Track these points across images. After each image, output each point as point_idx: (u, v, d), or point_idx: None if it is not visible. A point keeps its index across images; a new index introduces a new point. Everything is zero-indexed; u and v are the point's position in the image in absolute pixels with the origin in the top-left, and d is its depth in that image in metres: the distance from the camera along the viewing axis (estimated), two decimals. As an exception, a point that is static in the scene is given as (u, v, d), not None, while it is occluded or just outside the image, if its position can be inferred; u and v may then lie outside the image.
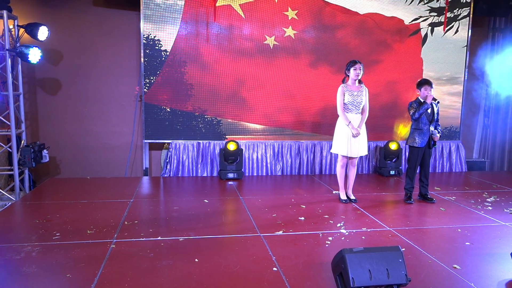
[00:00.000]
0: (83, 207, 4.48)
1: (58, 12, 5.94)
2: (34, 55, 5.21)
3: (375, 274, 2.48)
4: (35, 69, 5.94)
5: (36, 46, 5.25)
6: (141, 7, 5.83)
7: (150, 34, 5.91)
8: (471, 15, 7.02)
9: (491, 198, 5.21)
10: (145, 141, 6.17)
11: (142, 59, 5.93)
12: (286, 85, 6.44)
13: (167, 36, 5.97)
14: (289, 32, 6.35)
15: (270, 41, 6.31)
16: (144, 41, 5.90)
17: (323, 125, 6.61)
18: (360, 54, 6.48)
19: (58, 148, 6.12)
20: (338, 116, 4.76)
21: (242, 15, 6.16)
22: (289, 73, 6.44)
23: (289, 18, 6.32)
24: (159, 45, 5.96)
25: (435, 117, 4.84)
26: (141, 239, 3.55)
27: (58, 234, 3.61)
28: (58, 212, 4.26)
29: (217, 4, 6.03)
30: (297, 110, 6.55)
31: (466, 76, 7.17)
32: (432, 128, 4.80)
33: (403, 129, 6.95)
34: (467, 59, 7.13)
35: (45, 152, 5.66)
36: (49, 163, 6.04)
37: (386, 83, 6.80)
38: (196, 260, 3.12)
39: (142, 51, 5.92)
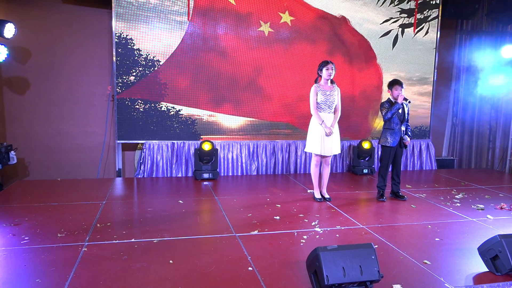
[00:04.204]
0: (53, 210, 4.35)
1: (26, 9, 5.75)
2: (0, 53, 5.05)
3: (348, 271, 2.52)
4: (1, 67, 5.73)
5: (2, 44, 5.08)
6: (113, 5, 5.72)
7: (123, 32, 5.81)
8: (439, 17, 7.22)
9: (459, 195, 5.38)
10: (118, 141, 6.06)
11: (114, 58, 5.82)
12: (273, 82, 6.48)
13: (140, 34, 5.88)
14: (285, 18, 6.40)
15: (265, 27, 6.34)
16: (116, 39, 5.80)
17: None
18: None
19: (26, 150, 5.93)
20: (311, 115, 4.81)
21: (233, 1, 6.17)
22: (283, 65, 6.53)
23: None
24: (132, 44, 5.86)
25: (406, 117, 4.96)
26: (114, 241, 3.48)
27: (27, 238, 3.50)
28: (27, 215, 4.12)
29: None
30: (286, 105, 6.64)
31: (435, 77, 7.38)
32: (403, 128, 4.91)
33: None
34: (436, 60, 7.33)
35: (12, 153, 5.47)
36: (17, 165, 5.85)
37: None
38: (171, 261, 3.09)
39: (114, 50, 5.81)
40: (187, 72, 6.11)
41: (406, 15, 7.04)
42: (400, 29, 7.06)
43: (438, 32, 7.25)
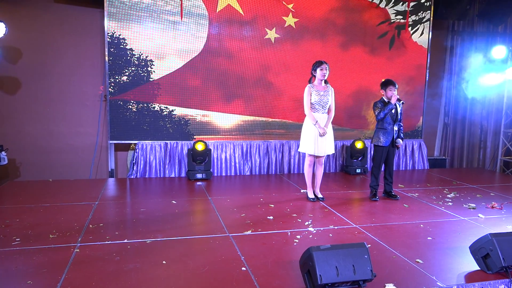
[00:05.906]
0: (45, 210, 4.32)
1: (17, 8, 5.70)
2: (-9, 52, 5.01)
3: (341, 270, 2.53)
4: (-9, 67, 5.68)
5: (-8, 44, 5.03)
6: (105, 5, 5.68)
7: (115, 32, 5.78)
8: (431, 18, 7.27)
9: (451, 194, 5.42)
10: (111, 141, 6.02)
11: (106, 58, 5.79)
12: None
13: (132, 34, 5.85)
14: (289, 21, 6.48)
15: (271, 34, 6.43)
16: (108, 39, 5.76)
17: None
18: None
19: (17, 150, 5.87)
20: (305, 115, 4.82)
21: (241, 11, 6.22)
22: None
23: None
24: (124, 44, 5.83)
25: (399, 117, 4.99)
26: (106, 242, 3.46)
27: (18, 239, 3.47)
28: (18, 216, 4.08)
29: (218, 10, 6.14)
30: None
31: (427, 77, 7.43)
32: (396, 128, 4.94)
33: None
34: (428, 60, 7.38)
35: (3, 154, 5.42)
36: (8, 166, 5.78)
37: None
38: (164, 262, 3.08)
39: (106, 49, 5.77)
40: (192, 75, 6.11)
41: (401, 17, 7.09)
42: (396, 30, 7.10)
43: (430, 33, 7.30)
